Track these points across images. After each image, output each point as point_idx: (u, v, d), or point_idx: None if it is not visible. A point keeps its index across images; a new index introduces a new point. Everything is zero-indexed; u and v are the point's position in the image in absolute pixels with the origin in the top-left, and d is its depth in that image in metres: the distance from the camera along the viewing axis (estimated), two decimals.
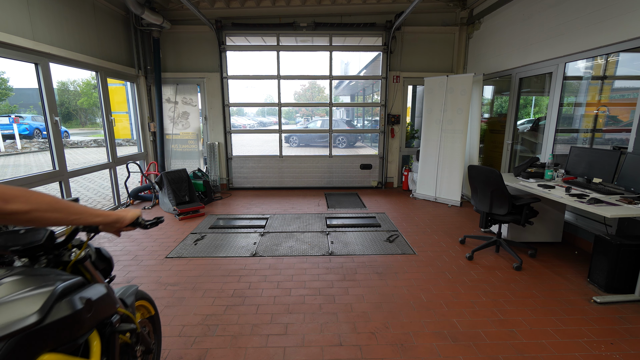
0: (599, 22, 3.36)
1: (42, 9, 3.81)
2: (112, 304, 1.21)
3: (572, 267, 3.21)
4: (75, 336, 1.00)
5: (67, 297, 0.98)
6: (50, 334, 0.90)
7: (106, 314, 1.16)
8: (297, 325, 2.35)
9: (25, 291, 0.90)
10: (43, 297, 0.91)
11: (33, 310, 0.86)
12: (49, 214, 0.88)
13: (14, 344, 0.80)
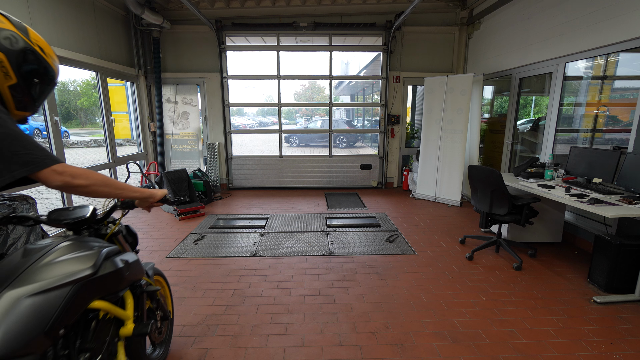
0: (599, 22, 3.36)
1: (42, 9, 3.81)
2: (141, 270, 1.49)
3: (572, 267, 3.21)
4: (117, 289, 1.29)
5: (110, 259, 1.25)
6: (100, 284, 1.18)
7: (137, 277, 1.43)
8: (297, 325, 2.35)
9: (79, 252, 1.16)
10: (94, 257, 1.17)
11: (88, 265, 1.13)
12: (102, 188, 1.13)
13: (77, 289, 1.06)
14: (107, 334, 1.27)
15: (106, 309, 1.23)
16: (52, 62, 1.20)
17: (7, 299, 0.93)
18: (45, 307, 0.97)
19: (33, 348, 0.93)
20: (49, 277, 1.02)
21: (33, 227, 2.71)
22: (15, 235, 2.58)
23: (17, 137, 0.97)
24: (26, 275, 1.01)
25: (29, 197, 2.85)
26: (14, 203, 2.69)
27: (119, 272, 1.26)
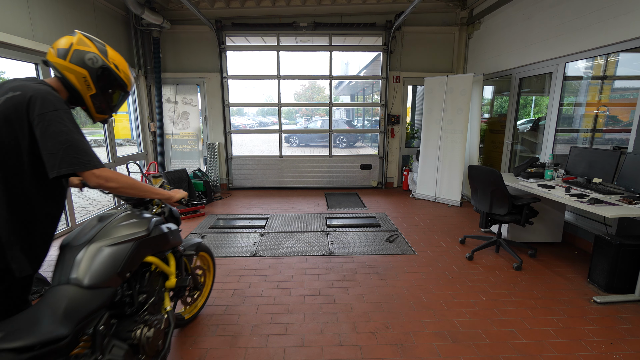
0: (599, 22, 3.36)
1: (42, 9, 3.81)
2: (180, 239, 1.87)
3: (572, 267, 3.21)
4: (164, 249, 1.68)
5: (158, 226, 1.63)
6: (152, 243, 1.56)
7: (177, 243, 1.82)
8: (297, 325, 2.35)
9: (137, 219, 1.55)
10: (147, 223, 1.56)
11: (144, 228, 1.51)
12: (129, 190, 1.39)
13: (137, 244, 1.44)
14: (157, 284, 1.67)
15: (156, 264, 1.63)
16: (124, 75, 1.49)
17: (93, 248, 1.31)
18: (117, 255, 1.35)
19: (111, 283, 1.30)
20: (118, 234, 1.41)
21: None
22: None
23: (72, 143, 1.22)
24: (103, 233, 1.38)
25: None
26: None
27: (164, 236, 1.66)
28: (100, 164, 1.29)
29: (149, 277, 1.59)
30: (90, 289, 1.21)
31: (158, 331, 1.54)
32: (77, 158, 1.21)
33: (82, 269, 1.24)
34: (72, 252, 1.30)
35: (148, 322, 1.50)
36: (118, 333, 1.39)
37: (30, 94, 1.21)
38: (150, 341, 1.47)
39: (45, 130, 1.19)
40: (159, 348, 1.58)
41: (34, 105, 1.20)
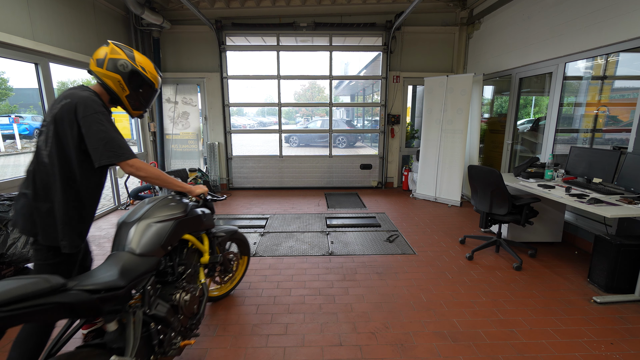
0: (599, 22, 3.36)
1: (42, 9, 3.81)
2: (212, 222, 2.15)
3: (572, 267, 3.21)
4: (199, 229, 1.96)
5: (193, 209, 1.90)
6: (189, 223, 1.82)
7: (210, 225, 2.11)
8: (297, 325, 2.35)
9: (176, 202, 1.82)
10: (185, 206, 1.83)
11: (182, 210, 1.79)
12: (154, 180, 1.68)
13: (177, 223, 1.71)
14: (193, 259, 1.95)
15: (193, 241, 1.91)
16: (151, 76, 1.73)
17: (142, 224, 1.60)
18: (162, 230, 1.62)
19: (156, 253, 1.56)
20: (162, 214, 1.69)
21: None
22: (15, 235, 2.58)
23: (111, 139, 1.51)
24: (150, 212, 1.67)
25: None
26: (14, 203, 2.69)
27: (199, 217, 1.94)
28: (133, 156, 1.58)
29: (187, 252, 1.90)
30: (140, 256, 1.50)
31: (194, 297, 1.83)
32: (114, 152, 1.51)
33: (135, 240, 1.54)
34: (127, 227, 1.59)
35: (185, 289, 1.79)
36: (162, 295, 1.69)
37: (76, 100, 1.50)
38: (187, 304, 1.77)
39: (88, 130, 1.48)
40: (195, 311, 1.88)
41: (79, 109, 1.49)
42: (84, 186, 1.58)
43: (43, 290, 1.07)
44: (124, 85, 1.63)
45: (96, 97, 1.57)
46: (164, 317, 1.59)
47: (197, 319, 1.90)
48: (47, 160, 1.52)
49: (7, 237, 2.55)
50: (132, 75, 1.63)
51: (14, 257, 2.55)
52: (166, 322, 1.61)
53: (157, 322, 1.58)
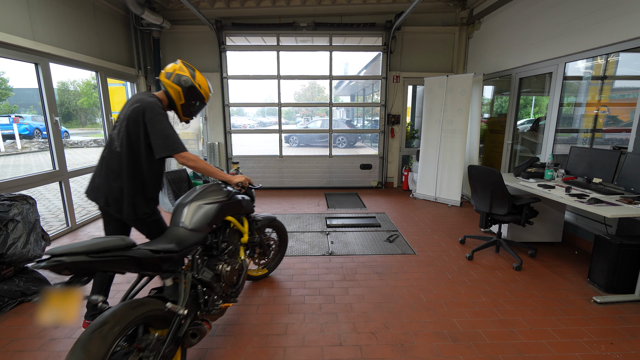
0: (599, 22, 3.36)
1: (42, 9, 3.81)
2: (251, 207, 2.47)
3: (572, 267, 3.21)
4: (239, 213, 2.29)
5: (234, 195, 2.24)
6: (230, 206, 2.16)
7: (249, 210, 2.43)
8: (297, 325, 2.35)
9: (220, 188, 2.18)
10: (227, 193, 2.18)
11: (225, 195, 2.14)
12: (201, 170, 1.98)
13: (220, 205, 2.05)
14: (234, 238, 2.30)
15: (234, 222, 2.25)
16: (204, 92, 2.13)
17: (194, 205, 1.98)
18: (209, 210, 1.99)
19: (204, 229, 1.93)
20: (209, 197, 2.06)
21: (33, 227, 2.71)
22: (15, 235, 2.58)
23: (169, 135, 1.88)
24: (200, 196, 2.05)
25: (29, 197, 2.85)
26: (14, 203, 2.69)
27: (239, 202, 2.28)
28: (185, 149, 1.92)
29: (229, 232, 2.24)
30: (191, 230, 1.86)
31: (233, 269, 2.15)
32: (170, 146, 1.87)
33: (187, 218, 1.92)
34: (182, 207, 1.98)
35: (227, 262, 2.12)
36: (208, 265, 2.02)
37: (144, 105, 1.89)
38: (228, 274, 2.09)
39: (152, 128, 1.86)
40: (234, 281, 2.19)
41: (146, 112, 1.88)
42: (147, 172, 1.96)
43: (120, 246, 1.42)
44: (182, 95, 2.03)
45: (159, 102, 1.97)
46: (208, 281, 1.94)
47: (236, 288, 2.22)
48: (119, 149, 1.92)
49: (7, 237, 2.55)
50: (190, 89, 2.04)
51: (14, 257, 2.55)
52: (210, 286, 1.96)
53: (202, 285, 1.93)
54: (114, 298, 2.61)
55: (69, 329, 2.31)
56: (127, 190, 1.92)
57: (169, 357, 1.59)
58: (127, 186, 1.91)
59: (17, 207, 2.67)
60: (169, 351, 1.58)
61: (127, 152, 1.90)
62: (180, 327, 1.67)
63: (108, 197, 1.93)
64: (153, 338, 1.54)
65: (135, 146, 1.91)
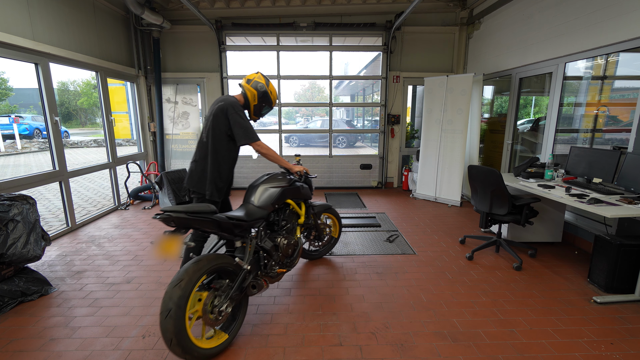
0: (599, 22, 3.36)
1: (42, 9, 3.81)
2: (309, 194, 2.88)
3: (572, 267, 3.21)
4: (298, 197, 2.70)
5: (294, 182, 2.66)
6: (290, 191, 2.60)
7: (307, 196, 2.84)
8: (297, 325, 2.35)
9: (283, 176, 2.64)
10: (288, 180, 2.62)
11: (286, 182, 2.60)
12: (270, 157, 2.53)
13: (282, 190, 2.53)
14: (292, 218, 2.72)
15: (293, 205, 2.69)
16: (273, 98, 2.64)
17: (261, 187, 2.48)
18: (273, 193, 2.47)
19: (267, 208, 2.40)
20: (274, 182, 2.55)
21: (33, 227, 2.71)
22: (15, 235, 2.58)
23: (246, 128, 2.41)
24: (268, 180, 2.55)
25: (29, 197, 2.85)
26: (14, 203, 2.69)
27: (297, 188, 2.69)
28: (258, 139, 2.46)
29: (288, 212, 2.68)
30: (258, 207, 2.38)
31: (289, 243, 2.58)
32: (249, 135, 2.41)
33: (256, 197, 2.44)
34: (253, 188, 2.51)
35: (284, 237, 2.57)
36: (269, 237, 2.48)
37: (227, 104, 2.41)
38: (284, 246, 2.53)
39: (234, 121, 2.39)
40: (289, 254, 2.61)
41: (229, 109, 2.40)
42: (225, 158, 2.46)
43: (207, 211, 1.96)
44: (256, 98, 2.56)
45: (238, 102, 2.48)
46: (268, 249, 2.37)
47: (291, 259, 2.65)
48: (205, 139, 2.45)
49: (7, 237, 2.55)
50: (263, 94, 2.57)
51: (14, 257, 2.55)
52: (269, 253, 2.40)
53: (263, 251, 2.37)
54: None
55: (69, 329, 2.31)
56: (210, 172, 2.43)
57: (235, 300, 2.10)
58: (210, 169, 2.43)
59: (17, 207, 2.67)
60: (235, 295, 2.09)
61: (212, 141, 2.42)
62: (245, 280, 2.16)
63: (193, 178, 2.47)
64: (224, 283, 2.07)
65: (218, 137, 2.41)
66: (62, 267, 3.22)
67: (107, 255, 3.51)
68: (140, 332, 2.27)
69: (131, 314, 2.47)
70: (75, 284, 2.92)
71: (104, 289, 2.84)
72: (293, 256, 2.66)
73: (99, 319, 2.41)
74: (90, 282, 2.95)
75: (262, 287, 2.27)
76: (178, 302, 1.76)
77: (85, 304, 2.61)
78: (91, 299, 2.68)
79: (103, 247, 3.73)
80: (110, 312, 2.51)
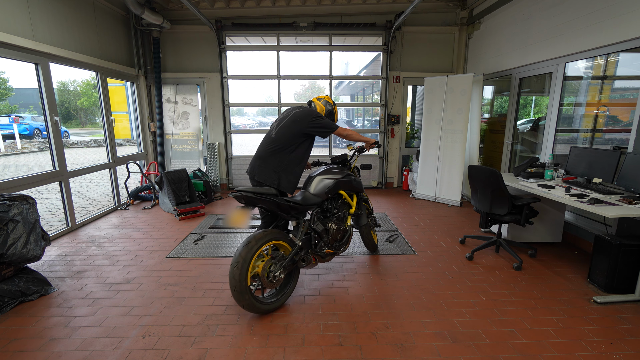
0: (599, 22, 3.36)
1: (42, 9, 3.81)
2: (361, 187, 3.15)
3: (572, 267, 3.21)
4: (349, 189, 3.00)
5: (347, 175, 2.98)
6: (343, 183, 2.91)
7: (358, 189, 3.09)
8: (297, 325, 2.35)
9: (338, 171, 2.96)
10: (342, 173, 2.95)
11: (340, 175, 2.91)
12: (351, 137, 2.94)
13: (336, 181, 2.86)
14: (344, 208, 2.97)
15: (345, 196, 2.93)
16: (336, 117, 3.08)
17: (318, 178, 2.83)
18: (328, 183, 2.80)
19: (322, 196, 2.75)
20: (329, 175, 2.85)
21: (33, 227, 2.71)
22: (15, 235, 2.58)
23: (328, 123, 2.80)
24: (324, 172, 2.88)
25: (29, 197, 2.85)
26: (14, 203, 2.69)
27: (349, 181, 2.95)
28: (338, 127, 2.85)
29: (340, 202, 2.95)
30: (313, 195, 2.73)
31: (338, 229, 2.84)
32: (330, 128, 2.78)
33: (313, 186, 2.78)
34: (311, 178, 2.83)
35: (335, 222, 2.82)
36: (322, 222, 2.76)
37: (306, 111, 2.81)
38: (334, 231, 2.80)
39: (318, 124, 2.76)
40: (338, 238, 2.87)
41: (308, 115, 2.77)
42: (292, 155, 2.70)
43: (270, 193, 2.38)
44: (324, 111, 2.98)
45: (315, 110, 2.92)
46: (319, 232, 2.66)
47: (340, 244, 2.91)
48: (274, 136, 2.72)
49: (7, 237, 2.55)
50: (329, 112, 3.02)
51: (14, 257, 2.55)
52: (319, 235, 2.68)
53: (315, 233, 2.66)
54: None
55: (69, 329, 2.31)
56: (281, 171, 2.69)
57: (288, 269, 2.48)
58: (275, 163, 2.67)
59: (17, 207, 2.67)
60: (288, 265, 2.46)
61: (280, 138, 2.69)
62: (297, 254, 2.52)
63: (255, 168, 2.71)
64: (279, 254, 2.46)
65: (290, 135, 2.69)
66: (62, 267, 3.22)
67: (107, 255, 3.51)
68: (140, 332, 2.27)
69: (131, 314, 2.47)
70: (75, 284, 2.92)
71: (104, 289, 2.84)
72: (342, 241, 2.92)
73: (99, 319, 2.41)
74: (90, 282, 2.95)
75: (311, 263, 2.63)
76: (245, 257, 2.22)
77: (85, 304, 2.61)
78: (91, 299, 2.68)
79: (103, 247, 3.73)
80: (110, 312, 2.51)
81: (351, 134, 2.91)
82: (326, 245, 2.77)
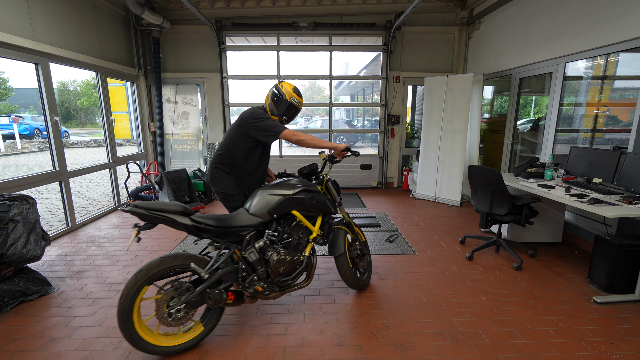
0: (599, 22, 3.36)
1: (42, 8, 3.81)
2: (329, 208, 2.42)
3: (572, 267, 3.20)
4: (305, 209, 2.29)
5: (304, 192, 2.27)
6: (294, 202, 2.23)
7: (322, 210, 2.39)
8: (297, 325, 2.35)
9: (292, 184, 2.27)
10: (295, 188, 2.25)
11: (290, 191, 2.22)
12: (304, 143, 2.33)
13: (282, 199, 2.17)
14: (297, 232, 2.30)
15: (299, 217, 2.28)
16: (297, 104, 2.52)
17: (261, 193, 2.21)
18: (271, 201, 2.18)
19: (262, 217, 2.15)
20: (279, 190, 2.23)
21: (33, 227, 2.71)
22: (15, 235, 2.58)
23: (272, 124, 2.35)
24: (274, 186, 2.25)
25: (29, 197, 2.85)
26: (14, 203, 2.69)
27: (303, 199, 2.27)
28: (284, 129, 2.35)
29: (293, 226, 2.30)
30: (251, 215, 2.14)
31: (282, 260, 2.17)
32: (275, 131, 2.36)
33: (253, 203, 2.19)
34: (254, 194, 2.25)
35: (278, 252, 2.18)
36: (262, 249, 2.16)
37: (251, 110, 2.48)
38: (274, 263, 2.14)
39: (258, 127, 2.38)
40: (281, 272, 2.20)
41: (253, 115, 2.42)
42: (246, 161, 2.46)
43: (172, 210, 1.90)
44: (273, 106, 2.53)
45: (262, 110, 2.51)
46: (251, 262, 2.09)
47: (287, 279, 2.26)
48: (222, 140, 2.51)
49: (7, 237, 2.55)
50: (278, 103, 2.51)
51: (14, 257, 2.55)
52: (252, 266, 2.11)
53: (246, 264, 2.10)
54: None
55: (69, 329, 2.31)
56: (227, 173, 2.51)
57: (192, 306, 1.95)
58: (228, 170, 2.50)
59: (17, 207, 2.67)
60: (194, 302, 1.95)
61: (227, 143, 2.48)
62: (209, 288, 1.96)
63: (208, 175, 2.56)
64: (184, 285, 1.94)
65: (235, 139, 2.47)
66: (62, 267, 3.22)
67: (107, 255, 3.51)
68: None
69: None
70: (75, 284, 2.92)
71: (104, 289, 2.84)
72: (290, 277, 2.28)
73: (99, 319, 2.41)
74: (90, 282, 2.95)
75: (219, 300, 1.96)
76: (129, 291, 1.82)
77: (85, 304, 2.61)
78: (91, 299, 2.68)
79: (103, 247, 3.73)
80: (110, 312, 2.50)
81: (304, 140, 2.31)
82: (261, 280, 2.14)
